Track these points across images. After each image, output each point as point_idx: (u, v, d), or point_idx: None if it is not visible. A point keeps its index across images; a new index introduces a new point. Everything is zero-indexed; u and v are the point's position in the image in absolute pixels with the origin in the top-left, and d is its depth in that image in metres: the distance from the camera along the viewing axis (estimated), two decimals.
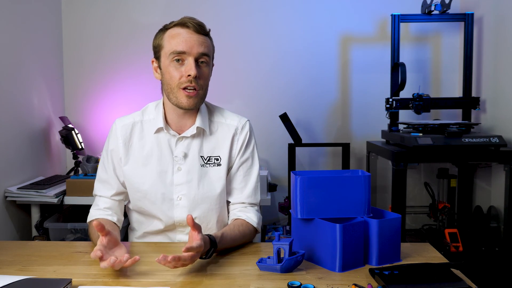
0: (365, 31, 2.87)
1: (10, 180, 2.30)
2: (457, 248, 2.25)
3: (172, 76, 1.30)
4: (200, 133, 1.40)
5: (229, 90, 2.87)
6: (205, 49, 1.30)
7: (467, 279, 1.04)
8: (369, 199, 1.18)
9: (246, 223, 1.37)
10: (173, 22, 1.32)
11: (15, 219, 2.34)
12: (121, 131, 1.39)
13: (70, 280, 1.00)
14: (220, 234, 1.23)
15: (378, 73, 2.85)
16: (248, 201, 1.43)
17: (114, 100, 2.90)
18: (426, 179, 2.73)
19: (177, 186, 1.37)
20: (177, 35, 1.29)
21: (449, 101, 2.51)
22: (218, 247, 1.19)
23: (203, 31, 1.31)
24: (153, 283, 1.05)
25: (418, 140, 2.14)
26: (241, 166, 1.43)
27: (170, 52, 1.28)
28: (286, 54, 2.88)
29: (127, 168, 1.38)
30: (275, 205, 2.82)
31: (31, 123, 2.50)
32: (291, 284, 1.02)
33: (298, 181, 1.16)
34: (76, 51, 2.90)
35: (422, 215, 2.77)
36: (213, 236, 1.19)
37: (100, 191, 1.43)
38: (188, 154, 1.38)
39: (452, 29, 2.84)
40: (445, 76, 2.89)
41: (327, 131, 2.93)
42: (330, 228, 1.10)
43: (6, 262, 1.19)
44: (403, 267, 1.07)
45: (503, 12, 2.40)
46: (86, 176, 2.42)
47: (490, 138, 2.12)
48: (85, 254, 1.26)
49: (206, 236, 1.16)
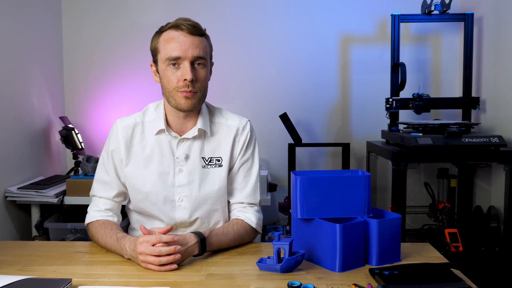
0: (365, 31, 2.87)
1: (10, 180, 2.30)
2: (457, 248, 2.25)
3: (169, 81, 1.30)
4: (201, 134, 1.39)
5: (229, 90, 2.87)
6: (201, 51, 1.29)
7: (467, 279, 1.05)
8: (369, 199, 1.18)
9: (242, 223, 1.37)
10: (168, 24, 1.31)
11: (15, 219, 2.34)
12: (123, 132, 1.39)
13: (70, 280, 1.00)
14: (209, 230, 1.27)
15: (378, 73, 2.85)
16: (247, 201, 1.43)
17: (114, 100, 2.90)
18: (426, 179, 2.73)
19: (179, 188, 1.37)
20: (171, 39, 1.28)
21: (449, 101, 2.51)
22: (208, 240, 1.22)
23: (198, 32, 1.30)
24: (153, 283, 1.05)
25: (418, 140, 2.14)
26: (241, 167, 1.43)
27: (166, 57, 1.29)
28: (286, 54, 2.88)
29: (128, 169, 1.38)
30: (275, 205, 2.82)
31: (31, 123, 2.50)
32: (291, 284, 1.02)
33: (298, 181, 1.16)
34: (76, 51, 2.90)
35: (422, 215, 2.77)
36: (198, 231, 1.23)
37: (100, 192, 1.42)
38: (190, 155, 1.38)
39: (452, 29, 2.84)
40: (445, 76, 2.89)
41: (327, 131, 2.93)
42: (330, 228, 1.11)
43: (6, 262, 1.19)
44: (403, 267, 1.07)
45: (503, 12, 2.40)
46: (86, 176, 2.42)
47: (490, 138, 2.12)
48: (85, 254, 1.26)
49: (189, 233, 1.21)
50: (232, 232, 1.31)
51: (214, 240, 1.24)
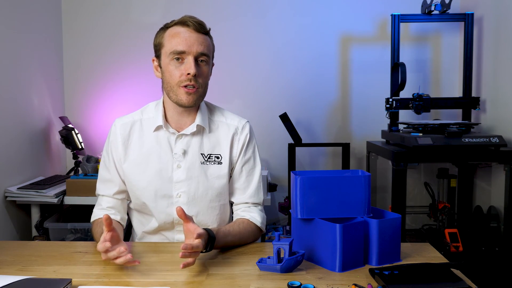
0: (365, 31, 2.87)
1: (10, 180, 2.30)
2: (457, 248, 2.25)
3: (172, 75, 1.31)
4: (200, 131, 1.40)
5: (229, 90, 2.87)
6: (205, 48, 1.31)
7: (467, 279, 1.04)
8: (369, 199, 1.18)
9: (248, 222, 1.38)
10: (174, 20, 1.34)
11: (15, 219, 2.34)
12: (120, 130, 1.40)
13: (70, 280, 1.00)
14: (217, 228, 1.25)
15: (378, 73, 2.85)
16: (251, 201, 1.44)
17: (114, 100, 2.90)
18: (426, 179, 2.73)
19: (177, 184, 1.37)
20: (177, 34, 1.30)
21: (449, 101, 2.51)
22: (216, 239, 1.20)
23: (203, 30, 1.32)
24: (153, 283, 1.05)
25: (418, 140, 2.14)
26: (243, 166, 1.43)
27: (170, 51, 1.30)
28: (286, 54, 2.88)
29: (126, 166, 1.39)
30: (275, 205, 2.82)
31: (31, 123, 2.50)
32: (291, 284, 1.02)
33: (298, 181, 1.16)
34: (76, 51, 2.90)
35: (422, 215, 2.77)
36: (209, 229, 1.20)
37: (102, 191, 1.43)
38: (188, 151, 1.38)
39: (452, 29, 2.84)
40: (445, 76, 2.89)
41: (327, 131, 2.93)
42: (330, 228, 1.10)
43: (6, 262, 1.19)
44: (403, 267, 1.07)
45: (503, 12, 2.40)
46: (86, 176, 2.42)
47: (490, 138, 2.12)
48: (85, 254, 1.26)
49: (203, 230, 1.15)
50: (238, 231, 1.32)
51: (220, 238, 1.23)
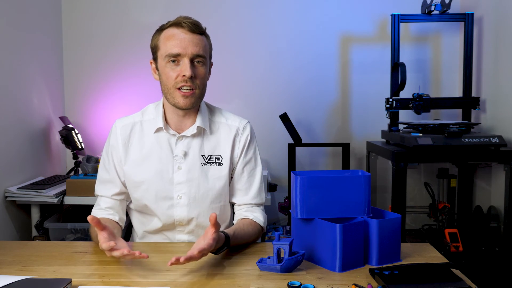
0: (365, 31, 2.87)
1: (10, 180, 2.30)
2: (457, 248, 2.25)
3: (169, 77, 1.31)
4: (201, 132, 1.40)
5: (229, 90, 2.87)
6: (200, 49, 1.30)
7: (467, 279, 1.04)
8: (369, 199, 1.18)
9: (254, 223, 1.39)
10: (169, 22, 1.33)
11: (15, 219, 2.34)
12: (121, 131, 1.40)
13: (70, 280, 1.00)
14: (232, 232, 1.24)
15: (378, 73, 2.85)
16: (254, 202, 1.44)
17: (114, 100, 2.90)
18: (426, 179, 2.73)
19: (178, 185, 1.37)
20: (172, 36, 1.30)
21: (449, 101, 2.51)
22: (230, 244, 1.21)
23: (198, 30, 1.31)
24: (153, 283, 1.05)
25: (418, 140, 2.14)
26: (245, 167, 1.43)
27: (166, 54, 1.30)
28: (286, 54, 2.88)
29: (127, 167, 1.39)
30: (275, 205, 2.82)
31: (31, 123, 2.50)
32: (291, 284, 1.02)
33: (298, 181, 1.16)
34: (76, 51, 2.90)
35: (422, 215, 2.77)
36: (227, 233, 1.21)
37: (101, 191, 1.43)
38: (188, 153, 1.38)
39: (452, 29, 2.84)
40: (445, 76, 2.89)
41: (327, 131, 2.93)
42: (330, 228, 1.10)
43: (6, 262, 1.19)
44: (403, 267, 1.07)
45: (503, 12, 2.40)
46: (86, 176, 2.42)
47: (490, 138, 2.12)
48: (85, 254, 1.26)
49: (222, 234, 1.18)
50: (247, 233, 1.33)
51: (232, 244, 1.24)
